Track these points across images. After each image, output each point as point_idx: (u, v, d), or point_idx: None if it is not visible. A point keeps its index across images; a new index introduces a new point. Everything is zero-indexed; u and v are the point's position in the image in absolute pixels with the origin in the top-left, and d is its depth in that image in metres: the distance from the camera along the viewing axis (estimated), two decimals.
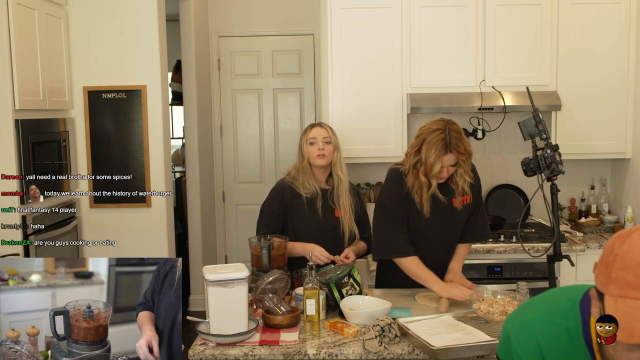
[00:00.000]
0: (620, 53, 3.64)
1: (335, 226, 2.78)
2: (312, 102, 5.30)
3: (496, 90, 3.59)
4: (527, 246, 3.29)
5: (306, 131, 2.84)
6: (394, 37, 3.62)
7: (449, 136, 2.44)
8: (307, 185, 2.78)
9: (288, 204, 2.79)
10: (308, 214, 2.77)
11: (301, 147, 2.82)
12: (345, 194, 2.80)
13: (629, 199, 3.79)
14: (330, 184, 2.84)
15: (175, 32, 4.90)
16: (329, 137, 2.79)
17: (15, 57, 3.24)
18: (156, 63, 3.97)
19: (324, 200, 2.79)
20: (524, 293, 2.43)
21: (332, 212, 2.79)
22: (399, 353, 2.04)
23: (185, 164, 5.07)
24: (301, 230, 2.78)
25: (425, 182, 2.51)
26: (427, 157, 2.45)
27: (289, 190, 2.80)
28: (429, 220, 2.59)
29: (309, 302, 2.21)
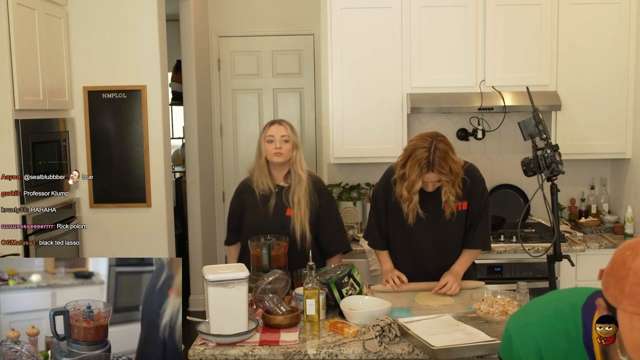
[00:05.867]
0: (620, 53, 3.64)
1: (285, 225, 2.74)
2: (312, 102, 5.30)
3: (496, 90, 3.59)
4: (527, 246, 3.29)
5: (265, 128, 2.82)
6: (394, 37, 3.62)
7: (433, 155, 2.45)
8: (260, 183, 2.78)
9: (245, 202, 2.84)
10: (259, 211, 2.77)
11: (259, 144, 2.82)
12: (303, 193, 2.74)
13: (629, 199, 3.79)
14: (289, 181, 2.81)
15: (175, 32, 4.90)
16: (288, 136, 2.77)
17: (15, 57, 3.24)
18: (156, 63, 3.97)
19: (278, 199, 2.77)
20: (524, 293, 2.43)
21: (284, 210, 2.76)
22: (399, 353, 2.04)
23: (185, 164, 5.07)
24: (250, 228, 2.78)
25: (407, 196, 2.55)
26: (410, 174, 2.49)
27: (247, 188, 2.84)
28: (416, 227, 2.64)
29: (309, 302, 2.21)
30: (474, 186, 2.65)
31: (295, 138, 2.80)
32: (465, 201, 2.64)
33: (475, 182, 2.66)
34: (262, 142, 2.79)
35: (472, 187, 2.64)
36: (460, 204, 2.63)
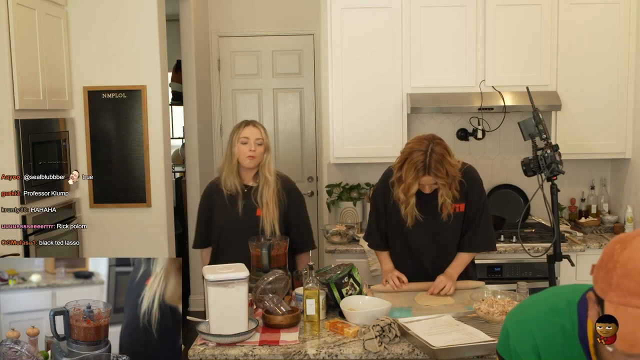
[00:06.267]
0: (620, 53, 3.64)
1: (255, 224, 2.73)
2: (312, 102, 5.30)
3: (496, 90, 3.59)
4: (527, 246, 3.29)
5: (239, 129, 2.78)
6: (394, 37, 3.62)
7: (429, 159, 2.45)
8: (229, 183, 2.76)
9: (213, 203, 2.80)
10: (228, 212, 2.75)
11: (231, 144, 2.77)
12: (271, 194, 2.74)
13: (629, 199, 3.79)
14: (257, 181, 2.79)
15: (175, 32, 4.90)
16: (262, 139, 2.75)
17: (15, 57, 3.24)
18: (156, 63, 3.97)
19: (247, 199, 2.76)
20: (524, 293, 2.43)
21: (253, 210, 2.75)
22: (399, 353, 2.04)
23: (185, 164, 5.07)
24: (220, 228, 2.77)
25: (404, 199, 2.55)
26: (406, 177, 2.50)
27: (216, 189, 2.81)
28: (414, 228, 2.64)
29: (309, 302, 2.21)
30: (471, 188, 2.64)
31: (268, 141, 2.80)
32: (463, 203, 2.64)
33: (474, 183, 2.66)
34: (236, 142, 2.75)
35: (470, 189, 2.64)
36: (458, 205, 2.63)
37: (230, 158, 2.77)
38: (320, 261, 4.66)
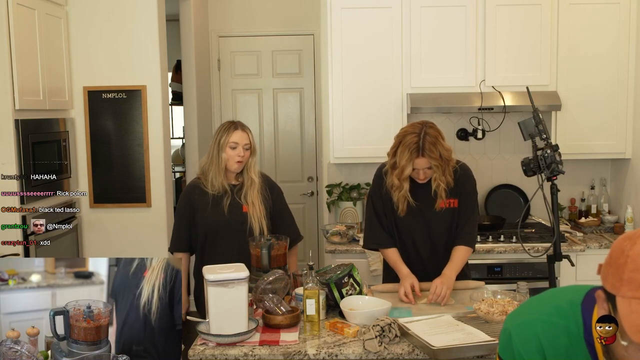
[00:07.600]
0: (620, 53, 3.64)
1: (243, 221, 2.74)
2: (312, 102, 5.30)
3: (496, 90, 3.59)
4: (527, 246, 3.29)
5: (228, 132, 2.74)
6: (394, 37, 3.62)
7: (423, 140, 2.46)
8: (216, 184, 2.74)
9: (195, 204, 2.77)
10: (214, 211, 2.74)
11: (218, 146, 2.73)
12: (256, 194, 2.75)
13: (629, 199, 3.79)
14: (240, 180, 2.80)
15: (175, 32, 4.90)
16: (249, 143, 2.75)
17: (15, 57, 3.24)
18: (156, 63, 3.97)
19: (232, 198, 2.76)
20: (524, 293, 2.43)
21: (239, 208, 2.76)
22: (399, 353, 2.04)
23: (185, 164, 5.07)
24: (207, 227, 2.75)
25: (397, 184, 2.55)
26: (400, 160, 2.51)
27: (198, 190, 2.78)
28: (407, 219, 2.64)
29: (309, 302, 2.21)
30: (466, 184, 2.65)
31: (254, 143, 2.80)
32: (457, 199, 2.65)
33: (467, 180, 2.67)
34: (224, 146, 2.71)
35: (464, 185, 2.65)
36: (451, 201, 2.63)
37: (217, 160, 2.74)
38: (320, 261, 4.66)
